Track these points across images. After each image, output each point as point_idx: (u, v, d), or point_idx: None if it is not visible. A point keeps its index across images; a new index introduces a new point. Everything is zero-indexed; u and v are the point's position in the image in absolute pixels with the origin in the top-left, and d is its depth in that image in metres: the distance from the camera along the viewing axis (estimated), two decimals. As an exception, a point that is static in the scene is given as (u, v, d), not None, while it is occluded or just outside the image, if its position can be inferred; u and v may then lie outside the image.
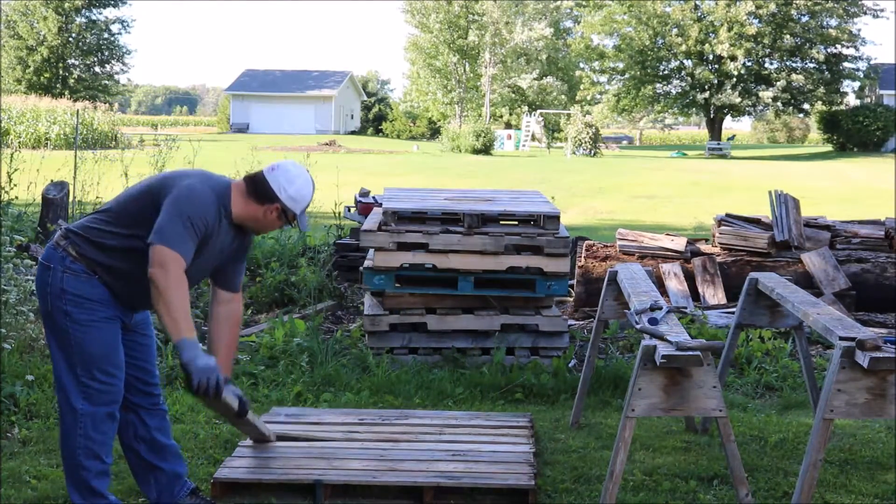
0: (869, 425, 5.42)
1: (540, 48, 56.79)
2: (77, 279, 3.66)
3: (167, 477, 3.99)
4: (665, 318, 4.12)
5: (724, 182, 25.23)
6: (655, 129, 74.18)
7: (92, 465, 3.74)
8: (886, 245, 8.67)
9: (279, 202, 3.74)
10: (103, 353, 3.69)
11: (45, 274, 3.71)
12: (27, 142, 32.46)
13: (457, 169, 29.30)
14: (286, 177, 3.76)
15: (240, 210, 3.74)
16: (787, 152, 48.71)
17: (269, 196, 3.73)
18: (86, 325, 3.66)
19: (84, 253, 3.67)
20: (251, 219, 3.78)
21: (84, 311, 3.66)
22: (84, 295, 3.66)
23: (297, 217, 3.81)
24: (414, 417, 5.20)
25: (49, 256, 3.72)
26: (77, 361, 3.68)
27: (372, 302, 6.64)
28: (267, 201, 3.74)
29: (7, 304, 5.80)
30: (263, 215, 3.77)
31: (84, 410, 3.70)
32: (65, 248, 3.69)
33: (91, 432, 3.71)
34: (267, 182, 3.74)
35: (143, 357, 3.94)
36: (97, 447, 3.74)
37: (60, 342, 3.70)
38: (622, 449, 3.79)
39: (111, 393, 3.74)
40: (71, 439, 3.73)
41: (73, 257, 3.67)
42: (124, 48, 59.72)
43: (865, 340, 3.52)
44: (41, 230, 9.35)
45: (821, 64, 47.64)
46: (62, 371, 3.71)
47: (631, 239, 8.87)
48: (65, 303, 3.66)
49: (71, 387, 3.70)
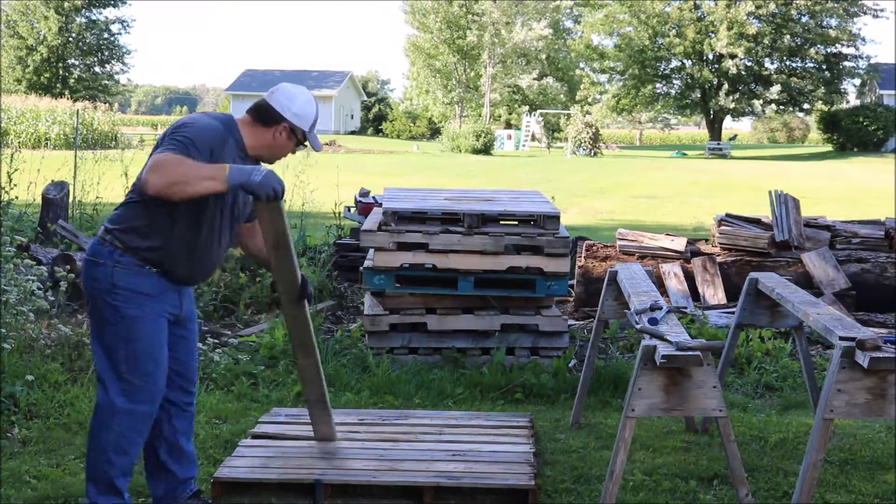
0: (869, 425, 5.42)
1: (540, 48, 56.78)
2: (128, 272, 3.63)
3: (177, 481, 3.99)
4: (665, 318, 4.12)
5: (724, 182, 25.24)
6: (656, 129, 74.17)
7: (119, 462, 3.72)
8: (886, 245, 8.67)
9: (286, 121, 3.75)
10: (148, 351, 3.68)
11: (94, 269, 3.67)
12: (27, 142, 32.48)
13: (457, 169, 29.31)
14: (286, 95, 3.78)
15: (251, 140, 3.74)
16: (787, 152, 48.71)
17: (274, 118, 3.74)
18: (135, 320, 3.64)
19: (130, 244, 3.64)
20: (264, 146, 3.78)
21: (134, 306, 3.64)
22: (136, 289, 3.63)
23: (307, 135, 3.82)
24: (414, 417, 5.20)
25: (97, 252, 3.69)
26: (121, 357, 3.66)
27: (372, 302, 6.64)
28: (273, 123, 3.75)
29: (7, 304, 5.80)
30: (273, 138, 3.77)
31: (123, 407, 3.68)
32: (111, 242, 3.65)
33: (126, 430, 3.70)
34: (269, 104, 3.76)
35: (185, 353, 3.93)
36: (128, 445, 3.73)
37: (106, 337, 3.68)
38: (622, 449, 3.79)
39: (152, 391, 3.72)
40: (104, 434, 3.70)
41: (122, 250, 3.64)
42: (124, 48, 59.76)
43: (865, 340, 3.52)
44: (41, 230, 9.35)
45: (820, 64, 47.66)
46: (105, 366, 3.69)
47: (631, 239, 8.87)
48: (114, 298, 3.63)
49: (112, 382, 3.68)
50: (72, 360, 6.05)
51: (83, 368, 5.96)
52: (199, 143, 3.55)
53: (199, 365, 6.05)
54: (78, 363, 6.03)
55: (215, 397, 5.69)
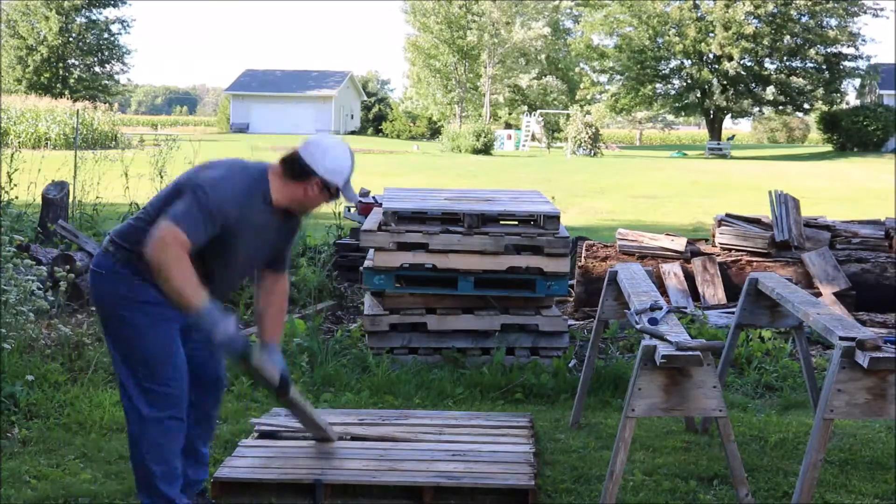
0: (869, 425, 5.42)
1: (539, 48, 56.79)
2: (129, 283, 3.62)
3: (188, 483, 3.99)
4: (665, 318, 4.12)
5: (724, 182, 25.24)
6: (656, 129, 74.18)
7: (160, 470, 3.71)
8: (886, 245, 8.67)
9: (317, 176, 3.64)
10: (162, 357, 3.65)
11: (99, 280, 3.68)
12: (27, 142, 32.47)
13: (457, 169, 29.30)
14: (320, 149, 3.67)
15: (280, 194, 3.66)
16: (787, 152, 48.70)
17: (306, 172, 3.63)
18: (143, 328, 3.62)
19: (131, 258, 3.62)
20: (293, 200, 3.69)
21: (139, 314, 3.61)
22: (138, 298, 3.61)
23: (341, 189, 3.71)
24: (414, 417, 5.20)
25: (100, 263, 3.69)
26: (138, 366, 3.65)
27: (372, 302, 6.64)
28: (304, 178, 3.64)
29: (7, 304, 5.80)
30: (304, 193, 3.68)
31: (150, 416, 3.66)
32: (113, 254, 3.65)
33: (158, 438, 3.69)
34: (301, 158, 3.65)
35: (206, 355, 3.90)
36: (165, 452, 3.71)
37: (120, 348, 3.68)
38: (622, 449, 3.79)
39: (174, 397, 3.70)
40: (139, 445, 3.70)
41: (123, 262, 3.63)
42: (124, 48, 59.76)
43: (865, 340, 3.52)
44: (41, 230, 9.35)
45: (820, 64, 47.65)
46: (125, 377, 3.69)
47: (631, 239, 8.87)
48: (120, 308, 3.62)
49: (135, 392, 3.66)
50: (72, 360, 6.05)
51: (83, 368, 5.97)
52: (218, 212, 3.50)
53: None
54: (78, 363, 6.03)
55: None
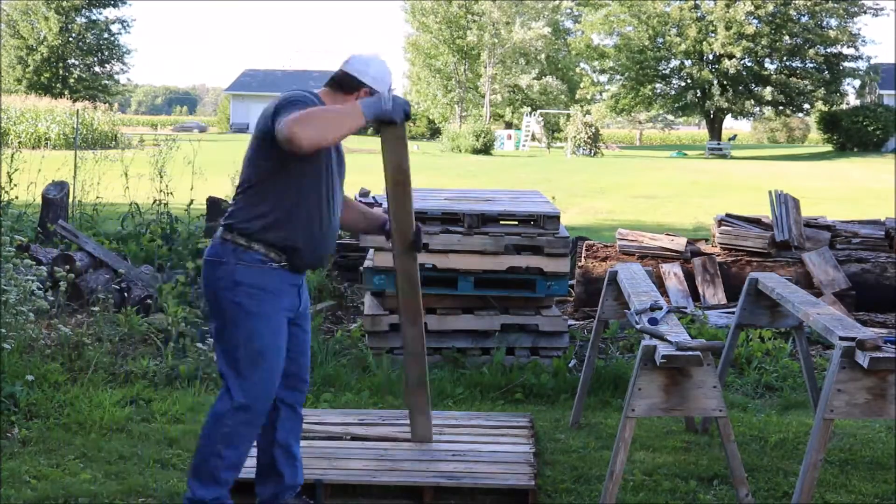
0: (869, 425, 5.42)
1: (539, 48, 56.78)
2: (250, 269, 3.68)
3: (286, 487, 4.01)
4: (665, 318, 4.12)
5: (724, 182, 25.24)
6: (656, 128, 74.17)
7: (228, 455, 3.76)
8: (886, 245, 8.67)
9: (365, 86, 3.80)
10: (268, 348, 3.72)
11: (217, 269, 3.73)
12: (27, 142, 32.47)
13: (457, 169, 29.30)
14: (361, 61, 3.86)
15: None
16: (787, 152, 48.70)
17: (354, 84, 3.81)
18: (257, 317, 3.69)
19: (252, 235, 3.69)
20: None
21: (256, 302, 3.68)
22: (258, 285, 3.68)
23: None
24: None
25: (218, 252, 3.73)
26: (241, 355, 3.71)
27: (372, 302, 6.64)
28: (353, 89, 3.80)
29: (7, 304, 5.80)
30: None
31: (241, 403, 3.72)
32: (233, 240, 3.70)
33: (240, 425, 3.75)
34: (347, 73, 3.83)
35: (299, 351, 3.95)
36: (239, 440, 3.77)
37: (228, 335, 3.73)
38: (622, 449, 3.79)
39: (268, 389, 3.77)
40: (218, 428, 3.75)
41: (245, 247, 3.69)
42: (124, 48, 59.74)
43: (865, 340, 3.52)
44: (41, 230, 9.36)
45: (820, 64, 47.65)
46: (225, 364, 3.75)
47: (631, 239, 8.87)
48: (237, 294, 3.68)
49: (232, 379, 3.73)
50: (72, 360, 6.05)
51: (83, 368, 5.97)
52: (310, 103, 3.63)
53: (198, 365, 6.07)
54: (78, 363, 6.03)
55: (215, 397, 5.68)
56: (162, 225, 9.86)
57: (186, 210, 10.14)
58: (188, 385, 5.89)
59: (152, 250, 9.10)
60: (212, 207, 9.46)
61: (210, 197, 9.56)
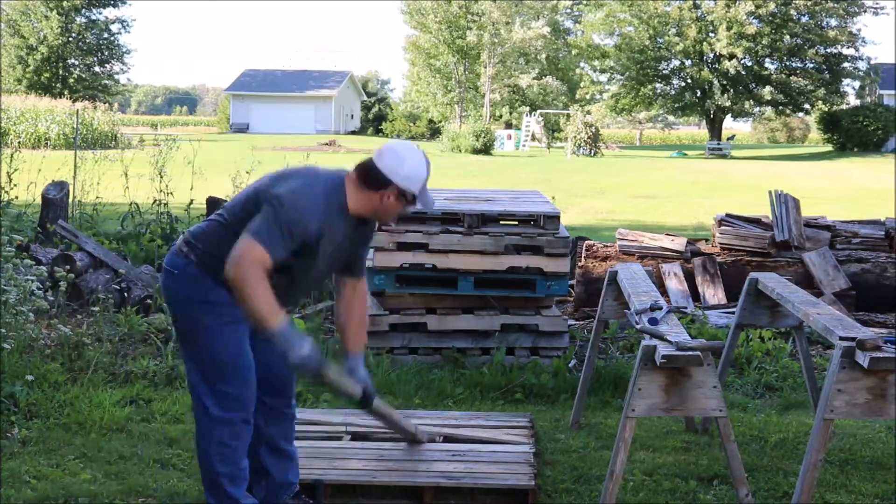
0: (869, 425, 5.42)
1: (539, 48, 56.78)
2: (200, 284, 3.61)
3: (277, 485, 3.98)
4: (665, 318, 4.12)
5: (724, 182, 25.23)
6: (656, 129, 74.16)
7: (227, 471, 3.72)
8: (886, 245, 8.67)
9: (393, 185, 3.60)
10: (233, 358, 3.65)
11: (170, 280, 3.68)
12: (27, 142, 32.47)
13: (457, 169, 29.28)
14: (395, 157, 3.62)
15: (356, 203, 3.63)
16: (787, 152, 48.70)
17: (382, 182, 3.59)
18: (213, 329, 3.62)
19: (204, 260, 3.62)
20: (369, 209, 3.65)
21: (210, 315, 3.61)
22: (209, 300, 3.61)
23: (418, 196, 3.65)
24: (414, 418, 5.18)
25: (173, 263, 3.69)
26: (209, 368, 3.65)
27: (372, 302, 6.64)
28: (381, 187, 3.60)
29: (7, 304, 5.80)
30: (381, 202, 3.63)
31: (219, 417, 3.67)
32: (187, 254, 3.65)
33: (226, 439, 3.69)
34: (377, 168, 3.61)
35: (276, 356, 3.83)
36: (232, 453, 3.72)
37: (191, 349, 3.69)
38: (622, 449, 3.79)
39: (243, 398, 3.70)
40: (206, 445, 3.71)
41: (196, 263, 3.63)
42: (124, 48, 59.76)
43: (865, 340, 3.52)
44: (41, 230, 9.35)
45: (820, 64, 47.65)
46: (195, 378, 3.69)
47: (631, 239, 8.87)
48: (192, 309, 3.63)
49: (205, 393, 3.67)
50: (71, 360, 6.05)
51: (83, 368, 5.97)
52: (297, 226, 3.46)
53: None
54: (78, 363, 6.03)
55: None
56: (162, 225, 9.86)
57: (186, 210, 10.14)
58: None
59: (152, 250, 9.10)
60: (212, 207, 9.45)
61: (210, 197, 9.56)
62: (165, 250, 9.09)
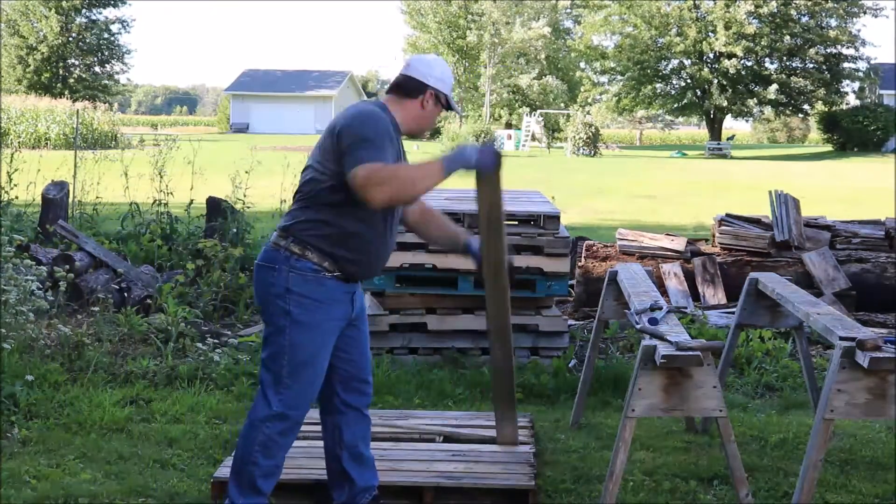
0: (869, 425, 5.42)
1: (539, 48, 56.78)
2: (303, 279, 3.63)
3: (359, 490, 3.97)
4: (665, 318, 4.12)
5: (724, 182, 25.23)
6: (656, 129, 74.15)
7: (265, 464, 3.75)
8: (886, 245, 8.67)
9: (430, 87, 3.75)
10: (311, 358, 3.69)
11: (269, 275, 3.69)
12: (27, 142, 32.49)
13: (457, 169, 29.24)
14: (424, 63, 3.81)
15: (403, 117, 3.75)
16: (787, 152, 48.70)
17: (418, 87, 3.75)
18: (304, 326, 3.65)
19: (308, 244, 3.65)
20: (415, 119, 3.78)
21: (306, 311, 3.65)
22: (310, 295, 3.64)
23: (449, 98, 3.82)
24: (414, 417, 5.20)
25: (271, 258, 3.69)
26: (285, 362, 3.68)
27: (372, 302, 6.64)
28: (419, 93, 3.75)
29: (7, 304, 5.80)
30: (422, 107, 3.76)
31: (278, 411, 3.70)
32: (286, 247, 3.66)
33: (276, 434, 3.72)
34: (411, 76, 3.77)
35: (358, 353, 3.91)
36: (276, 448, 3.75)
37: (273, 341, 3.71)
38: (622, 449, 3.79)
39: (306, 399, 3.75)
40: (254, 435, 3.73)
41: (298, 255, 3.65)
42: (124, 48, 59.76)
43: (865, 340, 3.52)
44: (41, 230, 9.36)
45: (820, 65, 47.64)
46: (266, 369, 3.73)
47: (631, 239, 8.87)
48: (288, 302, 3.64)
49: (270, 386, 3.71)
50: (71, 361, 6.06)
51: (83, 368, 5.97)
52: (384, 141, 3.57)
53: (199, 365, 6.07)
54: (78, 363, 6.03)
55: (215, 397, 5.69)
56: (162, 225, 9.86)
57: (186, 210, 10.14)
58: (188, 385, 5.89)
59: (152, 250, 9.10)
60: (212, 207, 9.46)
61: (210, 197, 9.56)
62: (165, 250, 9.10)
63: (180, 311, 6.92)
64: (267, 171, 10.95)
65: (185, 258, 8.61)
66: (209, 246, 7.92)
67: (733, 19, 45.75)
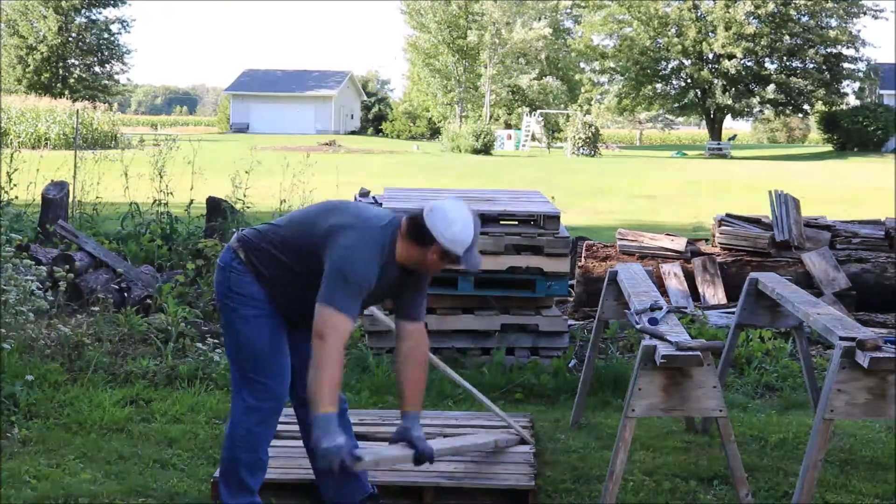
0: (869, 425, 5.42)
1: (539, 48, 56.77)
2: (241, 278, 3.79)
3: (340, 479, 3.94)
4: (665, 318, 4.12)
5: (724, 182, 25.23)
6: (656, 129, 74.15)
7: (247, 458, 3.83)
8: (886, 245, 8.67)
9: (437, 245, 3.61)
10: (269, 350, 3.79)
11: (219, 274, 3.87)
12: (27, 142, 32.48)
13: (457, 169, 29.30)
14: (444, 219, 3.61)
15: (402, 252, 3.67)
16: (787, 152, 48.70)
17: (427, 239, 3.62)
18: (250, 320, 3.78)
19: (251, 260, 3.79)
20: (412, 261, 3.70)
21: (248, 307, 3.78)
22: (247, 293, 3.78)
23: (461, 257, 3.64)
24: (414, 417, 5.19)
25: (223, 258, 3.87)
26: (244, 357, 3.81)
27: (372, 302, 6.64)
28: (426, 244, 3.63)
29: (7, 304, 5.80)
30: (424, 257, 3.66)
31: (251, 404, 3.80)
32: (235, 251, 3.82)
33: (255, 427, 3.82)
34: (425, 225, 3.62)
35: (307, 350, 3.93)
36: (256, 440, 3.84)
37: (230, 339, 3.86)
38: (622, 449, 3.79)
39: (276, 389, 3.82)
40: (234, 431, 3.83)
41: (241, 260, 3.80)
42: (124, 48, 59.75)
43: (865, 340, 3.52)
44: (41, 230, 9.36)
45: (820, 65, 47.64)
46: (233, 368, 3.88)
47: (631, 239, 8.87)
48: (232, 300, 3.79)
49: (239, 382, 3.83)
50: (71, 361, 6.06)
51: (83, 368, 5.97)
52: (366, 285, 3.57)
53: (199, 365, 6.06)
54: (78, 363, 6.03)
55: (215, 397, 5.69)
56: (162, 225, 9.86)
57: (186, 210, 10.14)
58: (188, 385, 5.89)
59: (152, 250, 9.10)
60: (212, 207, 9.46)
61: (210, 197, 9.56)
62: (165, 250, 9.10)
63: (180, 311, 6.92)
64: (267, 171, 10.96)
65: (185, 258, 8.62)
66: (209, 246, 7.93)
67: (733, 19, 45.75)
